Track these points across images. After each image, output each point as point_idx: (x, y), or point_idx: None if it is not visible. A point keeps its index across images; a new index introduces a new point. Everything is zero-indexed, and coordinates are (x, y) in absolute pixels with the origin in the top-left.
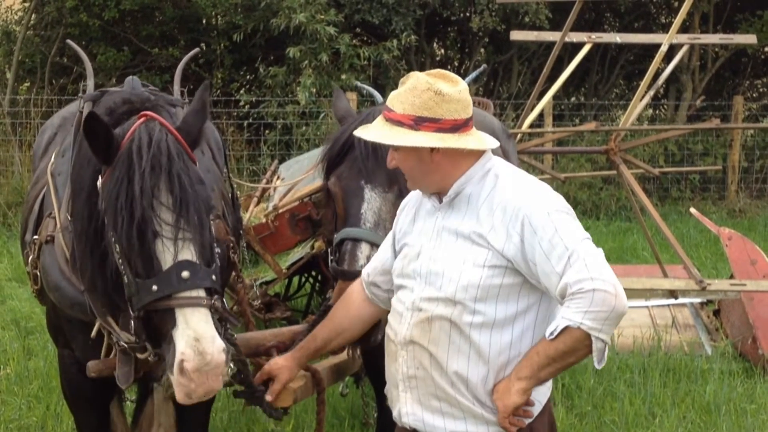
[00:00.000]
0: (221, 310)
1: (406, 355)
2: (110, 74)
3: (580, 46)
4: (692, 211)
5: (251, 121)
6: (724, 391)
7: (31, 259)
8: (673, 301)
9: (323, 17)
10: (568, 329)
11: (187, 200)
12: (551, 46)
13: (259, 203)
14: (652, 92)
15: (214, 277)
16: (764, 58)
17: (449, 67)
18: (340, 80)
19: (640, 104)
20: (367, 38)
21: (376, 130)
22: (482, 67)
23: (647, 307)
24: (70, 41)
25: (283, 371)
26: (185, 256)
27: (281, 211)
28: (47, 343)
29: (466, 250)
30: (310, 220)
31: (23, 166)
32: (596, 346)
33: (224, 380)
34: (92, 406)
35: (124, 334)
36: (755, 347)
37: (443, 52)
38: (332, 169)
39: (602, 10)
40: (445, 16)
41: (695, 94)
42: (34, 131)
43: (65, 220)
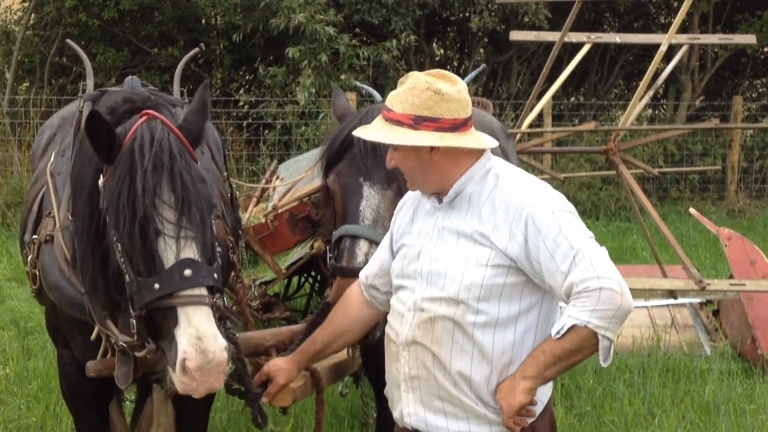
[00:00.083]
0: (223, 308)
1: (408, 355)
2: (109, 74)
3: (579, 46)
4: (691, 211)
5: (250, 121)
6: (723, 391)
7: (30, 258)
8: (672, 301)
9: (322, 17)
10: (574, 328)
11: (189, 199)
12: (550, 46)
13: (258, 203)
14: (651, 92)
15: (216, 275)
16: (763, 58)
17: (448, 67)
18: (339, 80)
19: (639, 104)
20: (366, 38)
21: (375, 129)
22: (481, 66)
23: (646, 307)
24: (69, 41)
25: (281, 373)
26: (187, 254)
27: (280, 211)
28: (46, 343)
29: (468, 249)
30: (309, 220)
31: (22, 166)
32: (602, 344)
33: (225, 378)
34: (91, 406)
35: (123, 336)
36: (754, 347)
37: (443, 52)
38: (331, 166)
39: (602, 10)
40: (444, 16)
41: (695, 94)
42: (33, 131)
43: (65, 219)
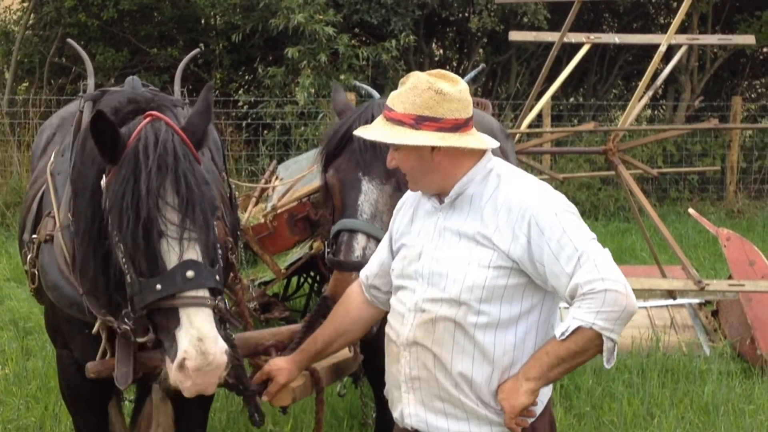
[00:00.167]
0: (224, 310)
1: (408, 356)
2: (109, 74)
3: (578, 46)
4: (691, 211)
5: (250, 121)
6: (722, 391)
7: (29, 258)
8: (671, 301)
9: (322, 17)
10: (579, 329)
11: (193, 200)
12: (550, 46)
13: (257, 203)
14: (650, 93)
15: (217, 277)
16: (763, 58)
17: (448, 67)
18: (338, 80)
19: (638, 105)
20: (365, 38)
21: (376, 129)
22: (480, 66)
23: (646, 307)
24: (70, 40)
25: (282, 373)
26: (190, 255)
27: (280, 211)
28: (46, 343)
29: (470, 250)
30: (308, 220)
31: (22, 166)
32: (607, 345)
33: (222, 379)
34: (91, 406)
35: (123, 327)
36: (753, 348)
37: (442, 52)
38: (330, 161)
39: (601, 10)
40: (443, 16)
41: (694, 94)
42: (32, 131)
43: (65, 219)
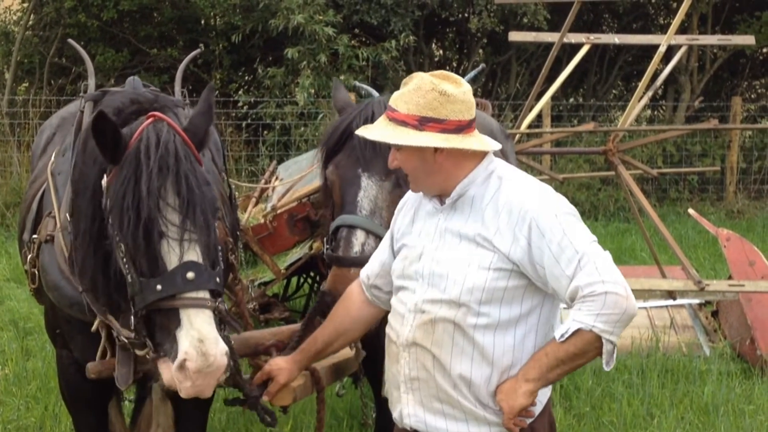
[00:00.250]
0: (224, 313)
1: (408, 356)
2: (109, 75)
3: (578, 46)
4: (690, 212)
5: (250, 121)
6: (722, 392)
7: (30, 258)
8: (671, 302)
9: (322, 18)
10: (579, 332)
11: (194, 201)
12: (550, 46)
13: (257, 204)
14: (650, 93)
15: (218, 279)
16: (762, 59)
17: (448, 67)
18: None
19: (638, 105)
20: (365, 39)
21: (379, 129)
22: (480, 66)
23: (645, 308)
24: (71, 41)
25: (282, 373)
26: (191, 257)
27: (279, 211)
28: (45, 343)
29: (470, 252)
30: (308, 220)
31: (21, 166)
32: (606, 348)
33: (223, 379)
34: (91, 406)
35: (124, 330)
36: (753, 348)
37: (442, 52)
38: (330, 157)
39: (601, 10)
40: (443, 16)
41: (693, 95)
42: (32, 132)
43: (65, 219)
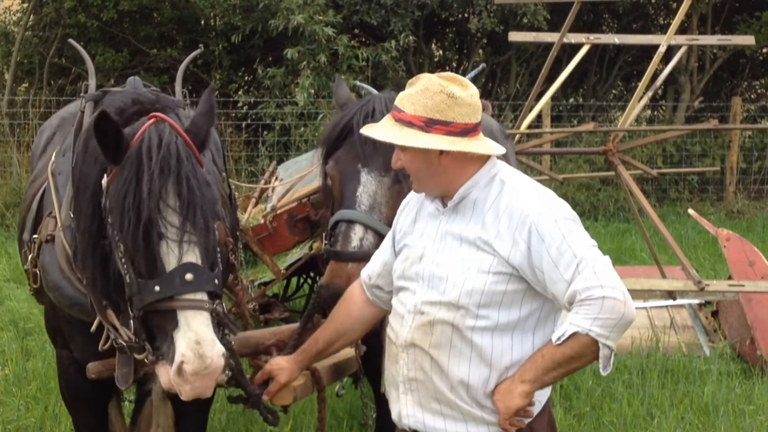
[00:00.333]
0: (222, 315)
1: (407, 357)
2: (108, 75)
3: (578, 47)
4: (690, 212)
5: (249, 122)
6: (722, 392)
7: (30, 257)
8: (671, 302)
9: (321, 18)
10: (576, 335)
11: (194, 203)
12: (549, 47)
13: (257, 204)
14: (650, 93)
15: (216, 281)
16: (762, 59)
17: (447, 68)
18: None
19: (638, 105)
20: (365, 39)
21: (385, 129)
22: (481, 66)
23: (645, 308)
24: (71, 41)
25: (283, 372)
26: (190, 258)
27: (279, 211)
28: (46, 343)
29: (470, 255)
30: (308, 220)
31: (21, 166)
32: (603, 352)
33: (220, 380)
34: (91, 406)
35: (123, 330)
36: (753, 348)
37: (442, 53)
38: (331, 153)
39: (600, 11)
40: (443, 17)
41: (693, 95)
42: (32, 132)
43: (67, 218)
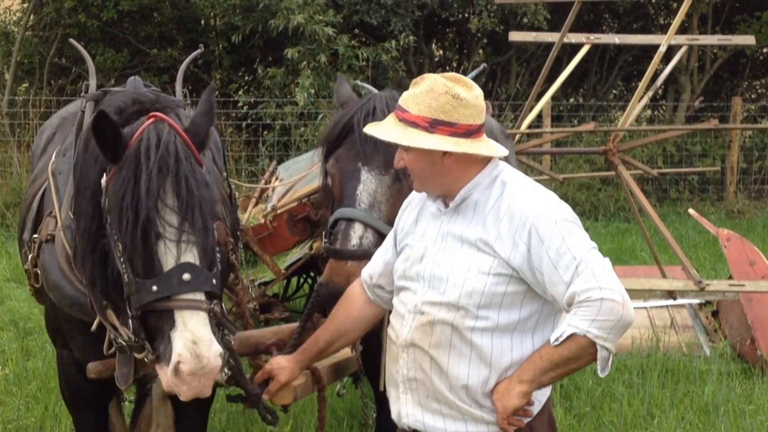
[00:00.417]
0: (220, 315)
1: (407, 357)
2: (109, 75)
3: (578, 47)
4: (691, 212)
5: (250, 122)
6: (722, 392)
7: (30, 257)
8: (671, 302)
9: (322, 18)
10: (573, 336)
11: (192, 203)
12: (550, 46)
13: (257, 204)
14: (650, 93)
15: (214, 281)
16: (762, 59)
17: (448, 68)
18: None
19: (638, 105)
20: (365, 39)
21: (389, 129)
22: (481, 66)
23: (646, 308)
24: (72, 40)
25: (283, 372)
26: (187, 258)
27: (280, 211)
28: (46, 343)
29: (471, 256)
30: (308, 220)
31: (21, 166)
32: (601, 354)
33: (219, 380)
34: (91, 406)
35: (123, 330)
36: (754, 348)
37: (442, 53)
38: (331, 151)
39: (601, 11)
40: (443, 17)
41: (694, 95)
42: (32, 132)
43: (67, 218)
